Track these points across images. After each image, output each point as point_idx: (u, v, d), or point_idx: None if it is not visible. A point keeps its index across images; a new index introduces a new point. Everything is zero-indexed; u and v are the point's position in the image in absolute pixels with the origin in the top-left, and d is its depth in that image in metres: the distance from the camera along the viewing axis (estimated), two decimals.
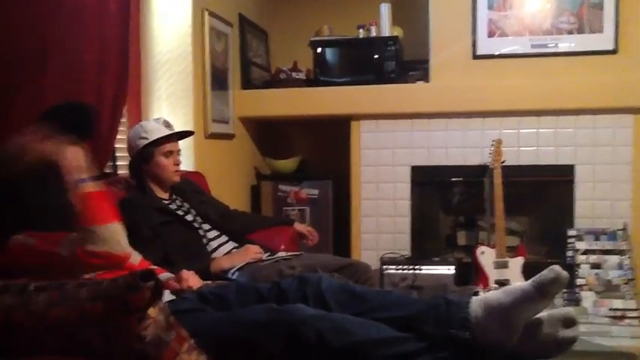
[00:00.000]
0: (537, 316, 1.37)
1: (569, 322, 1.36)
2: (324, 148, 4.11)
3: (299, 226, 2.88)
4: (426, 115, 3.53)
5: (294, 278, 1.63)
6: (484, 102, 3.43)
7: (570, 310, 1.38)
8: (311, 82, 3.75)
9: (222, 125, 3.49)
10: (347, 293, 1.52)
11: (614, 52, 3.35)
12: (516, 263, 3.25)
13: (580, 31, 3.39)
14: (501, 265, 3.24)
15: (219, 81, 3.39)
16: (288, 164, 3.98)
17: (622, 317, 3.13)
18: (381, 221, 3.61)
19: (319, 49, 3.68)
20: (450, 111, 3.49)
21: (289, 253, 2.49)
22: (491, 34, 3.46)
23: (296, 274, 1.87)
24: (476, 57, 3.48)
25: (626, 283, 3.22)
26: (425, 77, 3.56)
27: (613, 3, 3.33)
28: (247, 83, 3.78)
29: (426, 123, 3.55)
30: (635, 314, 3.13)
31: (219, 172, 3.37)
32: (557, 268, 1.32)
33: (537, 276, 1.34)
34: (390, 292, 1.72)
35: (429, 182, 3.66)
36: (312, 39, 3.75)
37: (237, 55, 3.73)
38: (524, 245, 3.44)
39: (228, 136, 3.63)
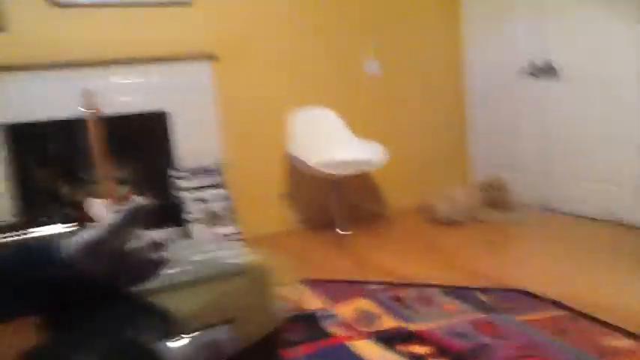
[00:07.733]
0: (129, 244, 1.44)
1: (159, 246, 1.47)
2: None
3: None
4: (5, 67, 3.22)
5: None
6: (71, 52, 3.33)
7: (159, 234, 1.49)
8: None
9: None
10: None
11: (189, 4, 3.65)
12: None
13: None
14: None
15: None
16: None
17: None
18: None
19: None
20: (33, 63, 3.25)
21: None
22: None
23: None
24: (58, 4, 3.32)
25: (227, 212, 3.61)
26: None
27: None
28: None
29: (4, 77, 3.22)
30: (236, 237, 3.56)
31: None
32: (138, 198, 1.40)
33: (122, 207, 1.40)
34: None
35: (25, 139, 3.37)
36: None
37: None
38: (133, 192, 3.51)
39: None
